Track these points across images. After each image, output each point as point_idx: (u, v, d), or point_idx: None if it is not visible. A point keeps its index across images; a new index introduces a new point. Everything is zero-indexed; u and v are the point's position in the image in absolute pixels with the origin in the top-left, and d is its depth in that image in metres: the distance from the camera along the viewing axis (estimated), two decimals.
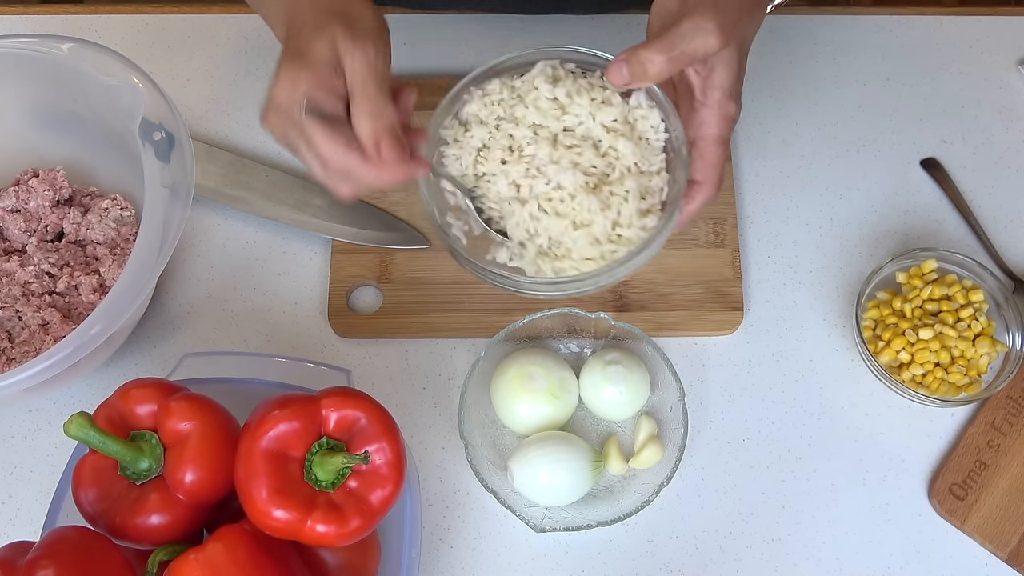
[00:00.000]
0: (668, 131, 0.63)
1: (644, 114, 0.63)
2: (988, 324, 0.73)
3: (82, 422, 0.57)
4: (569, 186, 0.61)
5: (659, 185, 0.63)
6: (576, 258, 0.62)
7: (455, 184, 0.64)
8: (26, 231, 0.79)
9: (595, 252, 0.62)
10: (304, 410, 0.58)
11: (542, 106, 0.63)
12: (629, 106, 0.63)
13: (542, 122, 0.63)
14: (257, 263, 0.81)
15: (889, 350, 0.73)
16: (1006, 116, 0.86)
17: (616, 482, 0.73)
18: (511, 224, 0.63)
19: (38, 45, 0.74)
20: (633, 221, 0.61)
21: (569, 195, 0.61)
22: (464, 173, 0.64)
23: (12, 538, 0.60)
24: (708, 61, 0.59)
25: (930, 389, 0.73)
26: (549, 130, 0.63)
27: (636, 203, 0.61)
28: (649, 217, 0.62)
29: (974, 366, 0.73)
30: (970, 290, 0.74)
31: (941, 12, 0.90)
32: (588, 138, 0.63)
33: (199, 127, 0.86)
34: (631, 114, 0.63)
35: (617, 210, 0.61)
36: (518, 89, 0.64)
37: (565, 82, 0.63)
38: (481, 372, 0.73)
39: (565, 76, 0.64)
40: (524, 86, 0.64)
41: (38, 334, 0.73)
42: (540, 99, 0.63)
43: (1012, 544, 0.71)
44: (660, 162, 0.63)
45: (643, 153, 0.63)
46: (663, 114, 0.62)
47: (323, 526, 0.57)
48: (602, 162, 0.62)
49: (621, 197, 0.62)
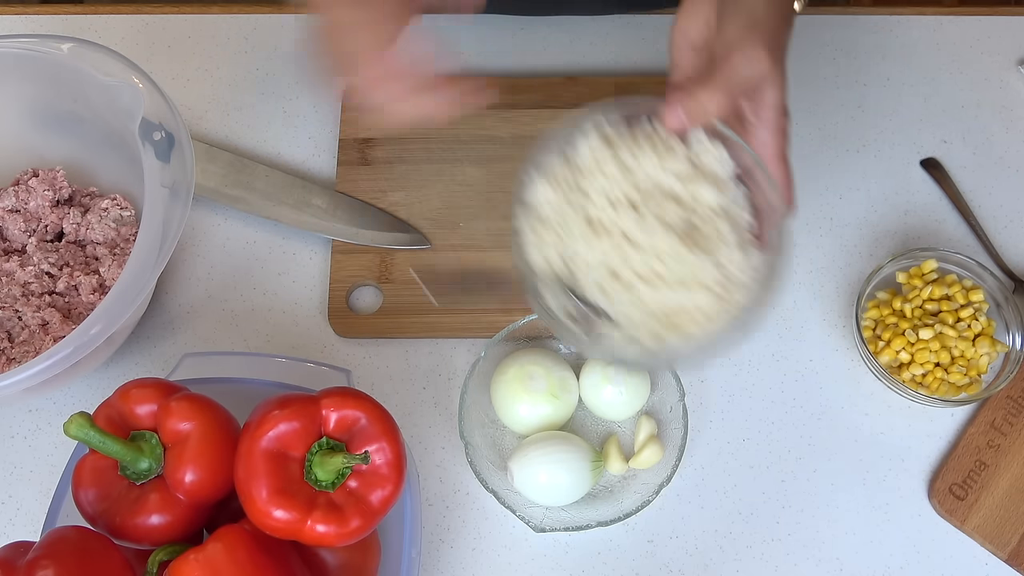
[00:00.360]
0: (734, 159, 0.59)
1: (706, 148, 0.59)
2: (988, 324, 0.73)
3: (82, 422, 0.56)
4: (667, 248, 0.56)
5: (745, 217, 0.59)
6: (700, 319, 0.57)
7: (544, 280, 0.59)
8: (26, 231, 0.78)
9: (715, 306, 0.57)
10: (304, 410, 0.58)
11: (609, 171, 0.58)
12: (690, 146, 0.59)
13: (613, 189, 0.57)
14: (257, 263, 0.81)
15: (889, 350, 0.73)
16: (1006, 116, 0.86)
17: (616, 482, 0.73)
18: (618, 310, 0.57)
19: (38, 45, 0.74)
20: (740, 262, 0.57)
21: (669, 257, 0.56)
22: (549, 261, 0.59)
23: (12, 538, 0.60)
24: None
25: (930, 389, 0.73)
26: (623, 194, 0.57)
27: (736, 242, 0.58)
28: (750, 253, 0.58)
29: (974, 366, 0.73)
30: (970, 290, 0.74)
31: (941, 12, 0.90)
32: (662, 191, 0.58)
33: (199, 127, 0.86)
34: (694, 153, 0.59)
35: (720, 257, 0.57)
36: (573, 159, 0.59)
37: (620, 140, 0.59)
38: (481, 372, 0.73)
39: (615, 133, 0.59)
40: (581, 156, 0.59)
41: (38, 334, 0.73)
42: (605, 165, 0.58)
43: (1012, 544, 0.71)
44: (741, 195, 0.59)
45: (721, 189, 0.59)
46: (725, 144, 0.59)
47: (323, 526, 0.56)
48: (683, 212, 0.57)
49: (717, 242, 0.57)
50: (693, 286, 0.56)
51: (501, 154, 0.83)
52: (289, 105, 0.87)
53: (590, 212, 0.57)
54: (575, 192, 0.58)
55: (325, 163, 0.85)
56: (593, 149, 0.59)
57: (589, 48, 0.89)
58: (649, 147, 0.58)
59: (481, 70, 0.88)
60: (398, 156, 0.83)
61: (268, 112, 0.87)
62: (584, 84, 0.86)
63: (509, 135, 0.84)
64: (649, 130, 0.59)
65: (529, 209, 0.59)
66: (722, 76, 0.56)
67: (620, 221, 0.57)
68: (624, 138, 0.59)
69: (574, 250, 0.57)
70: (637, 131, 0.59)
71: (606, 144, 0.59)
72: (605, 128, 0.59)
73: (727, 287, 0.57)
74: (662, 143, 0.59)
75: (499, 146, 0.84)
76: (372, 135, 0.84)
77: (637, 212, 0.57)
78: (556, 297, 0.58)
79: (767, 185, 0.59)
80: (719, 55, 0.56)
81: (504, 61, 0.88)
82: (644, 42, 0.89)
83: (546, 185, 0.59)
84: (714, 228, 0.57)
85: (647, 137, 0.59)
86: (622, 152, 0.58)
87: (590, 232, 0.57)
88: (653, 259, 0.56)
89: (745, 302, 0.57)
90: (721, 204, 0.58)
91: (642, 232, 0.56)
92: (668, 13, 0.90)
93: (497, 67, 0.88)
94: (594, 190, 0.57)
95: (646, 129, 0.59)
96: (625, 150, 0.58)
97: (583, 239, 0.57)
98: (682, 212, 0.57)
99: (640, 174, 0.58)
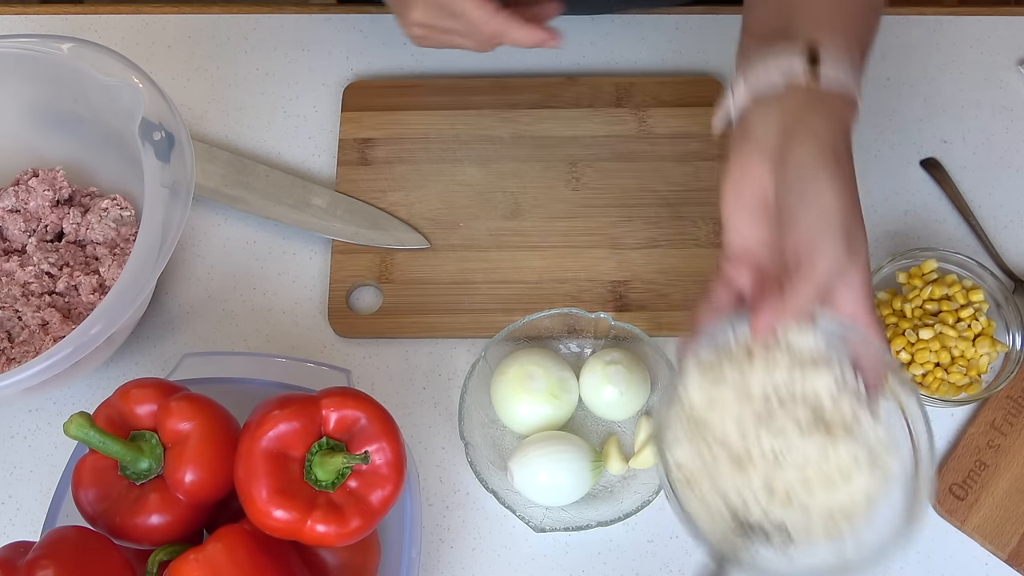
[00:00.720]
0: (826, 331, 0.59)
1: (798, 333, 0.58)
2: (988, 324, 0.73)
3: (82, 422, 0.56)
4: (813, 452, 0.56)
5: (857, 382, 0.59)
6: (864, 501, 0.57)
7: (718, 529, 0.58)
8: (26, 231, 0.79)
9: (875, 484, 0.57)
10: (304, 410, 0.58)
11: (727, 401, 0.57)
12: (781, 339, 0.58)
13: (740, 417, 0.57)
14: (257, 263, 0.81)
15: None
16: (1006, 116, 0.86)
17: (616, 482, 0.73)
18: (791, 525, 0.57)
19: (38, 45, 0.74)
20: (874, 427, 0.58)
21: (816, 460, 0.56)
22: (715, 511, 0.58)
23: (12, 538, 0.60)
24: None
25: (930, 389, 0.73)
26: (751, 418, 0.57)
27: (864, 412, 0.58)
28: (876, 412, 0.58)
29: (974, 366, 0.73)
30: (970, 290, 0.74)
31: (941, 12, 0.90)
32: (781, 397, 0.57)
33: (199, 127, 0.86)
34: (789, 343, 0.58)
35: (858, 435, 0.57)
36: (689, 408, 0.58)
37: (722, 366, 0.58)
38: (481, 372, 0.73)
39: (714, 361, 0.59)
40: (695, 400, 0.58)
41: (38, 334, 0.73)
42: (720, 396, 0.57)
43: (1012, 544, 0.71)
44: (842, 361, 0.59)
45: (827, 367, 0.58)
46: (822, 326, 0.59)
47: (323, 526, 0.57)
48: (808, 407, 0.57)
49: (851, 422, 0.57)
50: (848, 475, 0.56)
51: (501, 154, 0.83)
52: (289, 105, 0.87)
53: (731, 446, 0.56)
54: (704, 435, 0.57)
55: (325, 163, 0.85)
56: (702, 388, 0.58)
57: (589, 48, 0.89)
58: (751, 359, 0.58)
59: (481, 70, 0.88)
60: (398, 156, 0.83)
61: (268, 112, 0.87)
62: (584, 84, 0.86)
63: (509, 135, 0.84)
64: (742, 342, 0.58)
65: (674, 477, 0.58)
66: (807, 283, 0.55)
67: (760, 446, 0.56)
68: (724, 362, 0.58)
69: (732, 488, 0.57)
70: (729, 350, 0.58)
71: (711, 378, 0.58)
72: (703, 361, 0.58)
73: (875, 459, 0.57)
74: (760, 349, 0.58)
75: (499, 146, 0.84)
76: (372, 135, 0.84)
77: (770, 429, 0.56)
78: (736, 536, 0.57)
79: (863, 343, 0.58)
80: (796, 247, 0.55)
81: (504, 61, 0.88)
82: (644, 42, 0.89)
83: (679, 445, 0.58)
84: (840, 410, 0.57)
85: (743, 349, 0.58)
86: (730, 378, 0.58)
87: (737, 468, 0.56)
88: (804, 467, 0.56)
89: (897, 463, 0.57)
90: (836, 381, 0.57)
91: (785, 447, 0.56)
92: (668, 13, 0.90)
93: (497, 67, 0.88)
94: (721, 426, 0.57)
95: (739, 341, 0.59)
96: (732, 374, 0.58)
97: (734, 476, 0.56)
98: (807, 409, 0.57)
99: (756, 390, 0.57)
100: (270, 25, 0.91)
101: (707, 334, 0.58)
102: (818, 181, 0.55)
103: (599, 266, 0.79)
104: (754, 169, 0.57)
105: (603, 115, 0.85)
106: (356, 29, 0.90)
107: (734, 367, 0.58)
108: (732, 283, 0.60)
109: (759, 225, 0.58)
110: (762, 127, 0.58)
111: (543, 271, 0.79)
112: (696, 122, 0.84)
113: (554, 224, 0.81)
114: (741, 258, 0.59)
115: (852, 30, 0.61)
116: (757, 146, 0.57)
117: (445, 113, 0.85)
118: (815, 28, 0.59)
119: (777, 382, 0.57)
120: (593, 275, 0.79)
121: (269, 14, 0.91)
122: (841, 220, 0.55)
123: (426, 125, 0.85)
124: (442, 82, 0.87)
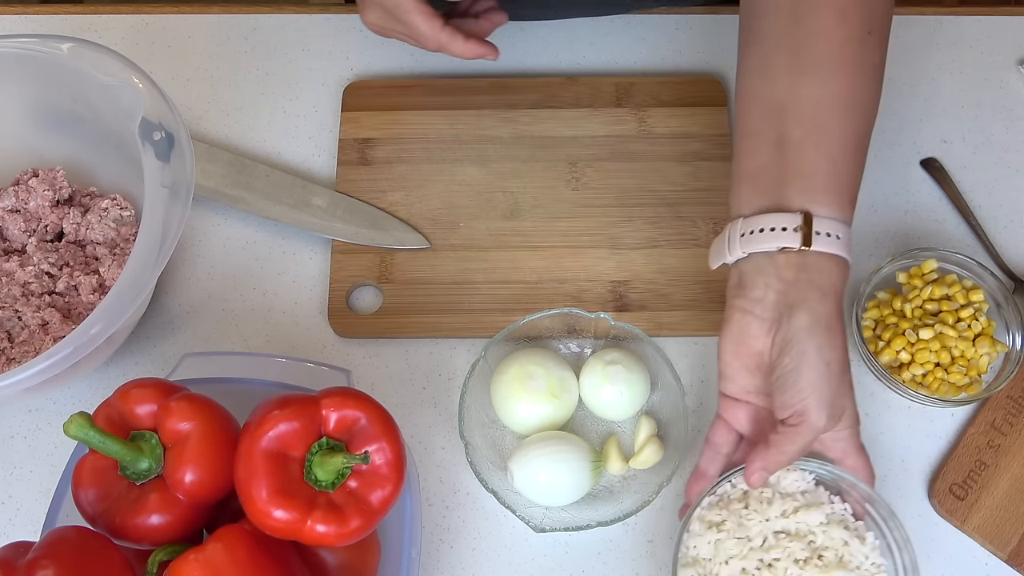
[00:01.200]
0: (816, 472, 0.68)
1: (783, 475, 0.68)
2: (988, 324, 0.73)
3: (82, 422, 0.56)
4: None
5: (844, 510, 0.68)
6: None
7: None
8: (26, 231, 0.79)
9: None
10: (304, 410, 0.58)
11: (731, 552, 0.65)
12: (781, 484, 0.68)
13: (744, 563, 0.65)
14: (257, 263, 0.81)
15: (889, 350, 0.73)
16: (1006, 116, 0.86)
17: (616, 482, 0.73)
18: None
19: (38, 45, 0.74)
20: (865, 552, 0.65)
21: None
22: None
23: (12, 538, 0.60)
24: None
25: (930, 389, 0.73)
26: (755, 565, 0.65)
27: (853, 538, 0.66)
28: (864, 536, 0.66)
29: (974, 366, 0.73)
30: (970, 290, 0.74)
31: (941, 12, 0.90)
32: (779, 537, 0.65)
33: (199, 127, 0.86)
34: (777, 485, 0.68)
35: (854, 561, 0.65)
36: (700, 561, 0.66)
37: (724, 517, 0.66)
38: (481, 372, 0.73)
39: (716, 516, 0.67)
40: (703, 552, 0.66)
41: (38, 334, 0.73)
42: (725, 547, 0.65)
43: (1012, 544, 0.71)
44: (826, 493, 0.68)
45: (815, 502, 0.67)
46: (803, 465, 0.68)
47: (323, 526, 0.56)
48: (804, 543, 0.65)
49: (843, 550, 0.65)
50: None
51: (501, 154, 0.83)
52: (289, 105, 0.87)
53: None
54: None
55: (325, 163, 0.85)
56: (713, 542, 0.65)
57: (589, 48, 0.89)
58: (747, 506, 0.66)
59: (481, 70, 0.88)
60: (398, 156, 0.83)
61: (268, 112, 0.87)
62: (584, 84, 0.86)
63: (509, 135, 0.84)
64: (736, 493, 0.67)
65: None
66: (791, 440, 0.63)
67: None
68: (724, 511, 0.66)
69: None
70: (728, 498, 0.67)
71: (714, 529, 0.66)
72: (708, 518, 0.66)
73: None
74: (757, 500, 0.66)
75: (499, 146, 0.84)
76: (372, 135, 0.84)
77: (771, 569, 0.64)
78: None
79: (849, 485, 0.67)
80: (786, 408, 0.63)
81: (504, 61, 0.88)
82: (644, 42, 0.89)
83: None
84: (832, 541, 0.65)
85: (739, 501, 0.67)
86: (730, 526, 0.65)
87: None
88: None
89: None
90: (826, 514, 0.66)
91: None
92: (668, 13, 0.90)
93: (497, 67, 0.88)
94: (728, 572, 0.64)
95: (734, 493, 0.67)
96: (731, 523, 0.66)
97: None
98: (803, 544, 0.65)
99: (754, 531, 0.65)
100: (270, 25, 0.91)
101: (709, 492, 0.67)
102: (809, 355, 0.62)
103: (599, 266, 0.79)
104: (752, 334, 0.65)
105: (603, 115, 0.85)
106: (356, 29, 0.90)
107: (733, 516, 0.66)
108: (731, 426, 0.69)
109: (754, 378, 0.66)
110: (759, 293, 0.64)
111: (543, 271, 0.79)
112: (696, 122, 0.84)
113: (554, 224, 0.81)
114: (738, 403, 0.68)
115: (845, 180, 0.65)
116: (755, 315, 0.64)
117: (445, 113, 0.85)
118: (808, 192, 0.63)
119: (775, 525, 0.65)
120: (593, 275, 0.79)
121: (269, 14, 0.91)
122: (827, 391, 0.62)
123: (426, 125, 0.85)
124: (442, 82, 0.87)
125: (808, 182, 0.64)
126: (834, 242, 0.63)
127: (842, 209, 0.64)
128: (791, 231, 0.62)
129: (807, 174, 0.64)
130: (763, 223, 0.63)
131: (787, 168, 0.64)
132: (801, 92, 0.64)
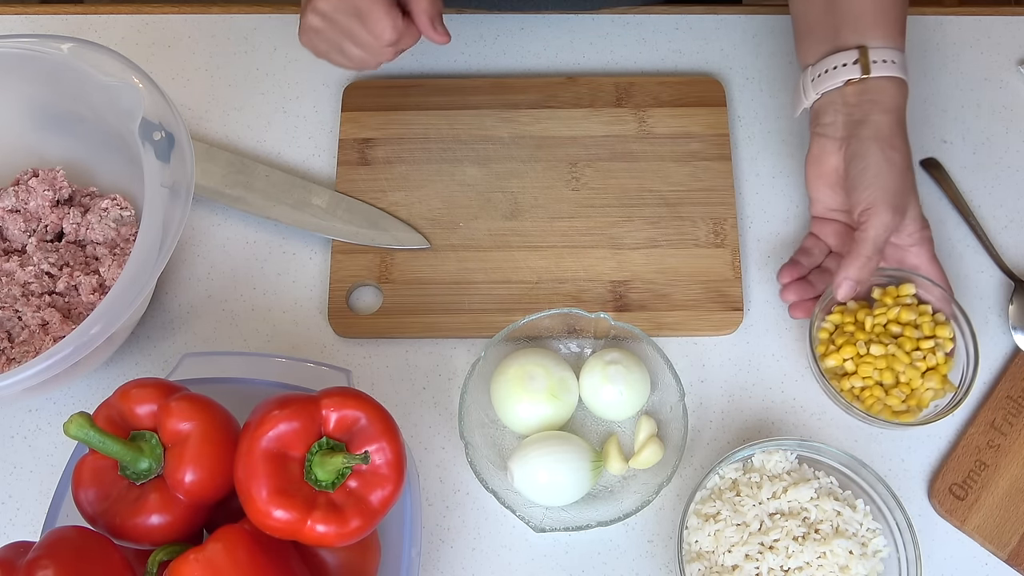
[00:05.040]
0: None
1: (767, 457, 0.71)
2: (944, 362, 0.71)
3: (82, 422, 0.56)
4: (812, 558, 0.66)
5: (829, 482, 0.71)
6: None
7: None
8: (26, 231, 0.79)
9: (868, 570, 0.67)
10: (304, 410, 0.58)
11: (733, 538, 0.67)
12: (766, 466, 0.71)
13: (745, 546, 0.67)
14: (257, 263, 0.81)
15: (837, 356, 0.72)
16: (1006, 116, 0.86)
17: (616, 482, 0.73)
18: None
19: (38, 45, 0.74)
20: (859, 519, 0.68)
21: (816, 563, 0.67)
22: None
23: (12, 538, 0.60)
24: None
25: (864, 404, 0.72)
26: (756, 546, 0.67)
27: (844, 507, 0.69)
28: (857, 505, 0.69)
29: (916, 396, 0.71)
30: (939, 324, 0.72)
31: (941, 12, 0.90)
32: (774, 518, 0.68)
33: (199, 127, 0.86)
34: (762, 468, 0.71)
35: (848, 531, 0.68)
36: (703, 550, 0.68)
37: (724, 504, 0.69)
38: (481, 372, 0.73)
39: (718, 506, 0.69)
40: (705, 542, 0.68)
41: (38, 334, 0.73)
42: (727, 532, 0.68)
43: (1012, 544, 0.71)
44: (824, 476, 0.71)
45: (802, 479, 0.70)
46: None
47: (323, 526, 0.56)
48: (799, 519, 0.68)
49: (836, 520, 0.68)
50: (847, 567, 0.66)
51: (501, 154, 0.83)
52: (289, 105, 0.87)
53: (746, 574, 0.66)
54: (720, 572, 0.67)
55: (325, 163, 0.85)
56: (712, 534, 0.68)
57: (589, 48, 0.89)
58: (739, 493, 0.69)
59: (481, 70, 0.88)
60: (398, 156, 0.83)
61: (268, 112, 0.87)
62: (584, 84, 0.86)
63: (509, 135, 0.84)
64: (726, 483, 0.70)
65: None
66: (865, 245, 0.70)
67: (768, 563, 0.67)
68: (718, 502, 0.69)
69: None
70: (718, 494, 0.70)
71: (712, 520, 0.68)
72: (704, 511, 0.69)
73: (866, 547, 0.68)
74: (747, 486, 0.70)
75: (499, 146, 0.84)
76: (372, 135, 0.84)
77: (772, 548, 0.67)
78: None
79: (929, 287, 0.73)
80: (859, 212, 0.71)
81: (504, 61, 0.88)
82: (644, 42, 0.89)
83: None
84: (825, 513, 0.68)
85: (731, 489, 0.70)
86: (726, 515, 0.68)
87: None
88: (809, 572, 0.66)
89: (886, 544, 0.69)
90: (815, 488, 0.69)
91: (787, 559, 0.66)
92: (668, 13, 0.90)
93: (497, 67, 0.88)
94: (732, 559, 0.67)
95: (724, 483, 0.70)
96: (726, 512, 0.68)
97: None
98: (799, 521, 0.68)
99: (750, 516, 0.68)
100: (270, 25, 0.91)
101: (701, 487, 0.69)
102: (873, 155, 0.71)
103: (599, 266, 0.79)
104: (828, 152, 0.74)
105: (603, 115, 0.85)
106: None
107: (727, 505, 0.68)
108: (820, 239, 0.77)
109: (835, 194, 0.75)
110: (831, 119, 0.74)
111: (543, 271, 0.79)
112: (696, 122, 0.84)
113: (554, 224, 0.81)
114: (825, 221, 0.77)
115: (892, 14, 0.73)
116: (828, 136, 0.74)
117: (445, 113, 0.85)
118: (861, 30, 0.73)
119: (770, 507, 0.68)
120: (593, 275, 0.79)
121: (269, 14, 0.91)
122: (890, 183, 0.70)
123: (426, 125, 0.85)
124: (442, 82, 0.87)
125: (859, 22, 0.73)
126: (890, 66, 0.72)
127: (893, 38, 0.73)
128: (851, 65, 0.72)
129: (857, 16, 0.73)
130: (827, 64, 0.73)
131: (838, 15, 0.74)
132: None
